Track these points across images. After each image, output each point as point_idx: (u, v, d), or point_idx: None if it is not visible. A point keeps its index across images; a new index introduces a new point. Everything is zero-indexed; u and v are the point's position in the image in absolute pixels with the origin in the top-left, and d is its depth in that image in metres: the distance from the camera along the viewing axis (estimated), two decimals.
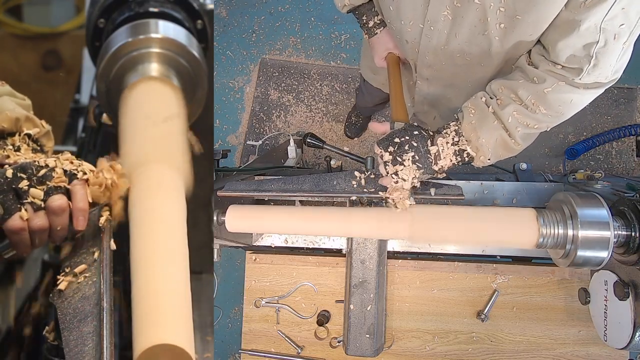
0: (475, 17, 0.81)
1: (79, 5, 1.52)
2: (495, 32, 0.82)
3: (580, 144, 2.19)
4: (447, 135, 0.86)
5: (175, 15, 0.90)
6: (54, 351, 0.81)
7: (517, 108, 0.82)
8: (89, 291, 0.76)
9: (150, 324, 0.67)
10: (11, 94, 0.84)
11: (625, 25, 0.71)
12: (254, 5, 2.64)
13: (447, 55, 0.94)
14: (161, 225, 0.75)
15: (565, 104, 0.81)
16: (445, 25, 0.86)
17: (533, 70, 0.82)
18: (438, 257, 1.21)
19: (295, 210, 0.93)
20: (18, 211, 0.68)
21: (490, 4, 0.77)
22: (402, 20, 0.92)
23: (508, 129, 0.83)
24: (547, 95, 0.79)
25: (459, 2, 0.80)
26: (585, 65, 0.75)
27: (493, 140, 0.84)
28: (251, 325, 1.24)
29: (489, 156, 0.86)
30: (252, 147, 2.42)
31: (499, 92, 0.85)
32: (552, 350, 1.14)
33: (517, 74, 0.86)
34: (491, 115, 0.84)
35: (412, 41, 0.96)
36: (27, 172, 0.70)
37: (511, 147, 0.86)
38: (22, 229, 0.68)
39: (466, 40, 0.87)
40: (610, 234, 0.77)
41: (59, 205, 0.70)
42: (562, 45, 0.76)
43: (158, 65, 0.86)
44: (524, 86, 0.82)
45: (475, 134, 0.84)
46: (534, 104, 0.81)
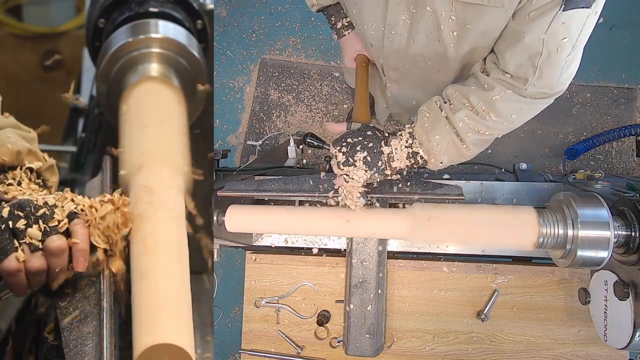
0: (430, 24, 0.82)
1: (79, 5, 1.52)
2: (450, 39, 0.83)
3: (580, 144, 2.19)
4: (401, 137, 0.87)
5: (175, 15, 0.90)
6: (54, 351, 0.81)
7: (469, 114, 0.83)
8: (89, 291, 0.76)
9: (150, 324, 0.67)
10: (15, 126, 0.81)
11: (567, 40, 0.72)
12: (254, 5, 2.64)
13: (409, 59, 0.95)
14: (161, 226, 0.75)
15: (515, 112, 0.82)
16: (404, 29, 0.87)
17: (484, 77, 0.83)
18: (438, 257, 1.21)
19: (295, 210, 0.93)
20: (14, 251, 0.65)
21: (441, 12, 0.78)
22: (365, 24, 0.93)
23: (459, 134, 0.84)
24: (495, 103, 0.80)
25: (414, 7, 0.82)
26: (531, 75, 0.76)
27: (444, 144, 0.85)
28: (251, 325, 1.23)
29: (440, 159, 0.87)
30: (252, 147, 2.42)
31: (453, 97, 0.85)
32: (552, 350, 1.14)
33: (471, 80, 0.87)
34: (443, 120, 0.85)
35: (376, 44, 0.97)
36: (24, 210, 0.66)
37: (462, 152, 0.86)
38: (18, 271, 0.65)
39: (424, 45, 0.88)
40: (610, 234, 0.77)
41: (58, 246, 0.67)
42: (509, 55, 0.78)
43: (158, 65, 0.86)
44: (476, 92, 0.82)
45: (427, 137, 0.85)
46: (485, 110, 0.81)
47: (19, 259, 0.65)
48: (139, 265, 0.71)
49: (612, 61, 2.32)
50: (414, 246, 1.16)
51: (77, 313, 0.73)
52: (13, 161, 0.77)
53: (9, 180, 0.75)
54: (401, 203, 1.07)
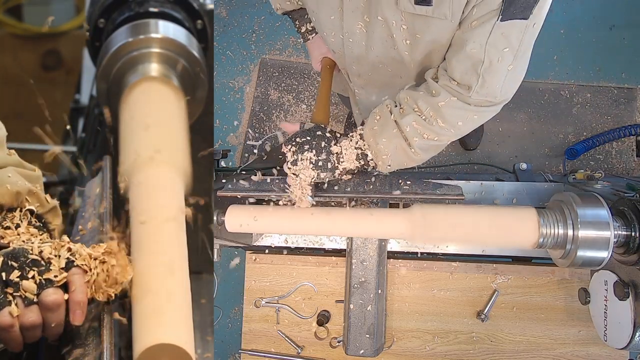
0: (384, 32, 0.83)
1: (79, 5, 1.52)
2: (403, 47, 0.84)
3: (580, 144, 2.19)
4: (351, 139, 0.87)
5: (175, 15, 0.90)
6: (54, 351, 0.81)
7: (417, 119, 0.83)
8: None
9: (150, 324, 0.67)
10: (19, 164, 0.76)
11: (508, 50, 0.73)
12: (254, 5, 2.64)
13: (370, 65, 0.95)
14: (161, 225, 0.75)
15: (460, 119, 0.82)
16: (361, 37, 0.88)
17: (433, 83, 0.83)
18: (438, 257, 1.21)
19: (295, 210, 0.93)
20: (7, 305, 0.61)
21: (392, 21, 0.79)
22: (325, 32, 0.94)
23: (407, 138, 0.84)
24: (441, 109, 0.81)
25: (368, 17, 0.82)
26: (474, 83, 0.77)
27: (392, 147, 0.85)
28: (251, 325, 1.23)
29: (388, 162, 0.87)
30: (252, 147, 2.42)
31: (404, 101, 0.85)
32: (552, 350, 1.14)
33: (422, 85, 0.87)
34: (392, 123, 0.84)
35: (338, 51, 0.97)
36: (19, 261, 0.62)
37: (411, 156, 0.86)
38: (12, 326, 0.61)
39: (381, 52, 0.89)
40: (610, 234, 0.77)
41: (54, 300, 0.62)
42: (455, 62, 0.78)
43: (158, 65, 0.86)
44: (424, 98, 0.83)
45: (374, 139, 0.85)
46: (432, 116, 0.81)
47: (12, 313, 0.61)
48: (139, 265, 0.71)
49: (612, 61, 2.32)
50: (414, 246, 1.16)
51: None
52: (12, 202, 0.72)
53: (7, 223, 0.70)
54: (401, 203, 1.07)
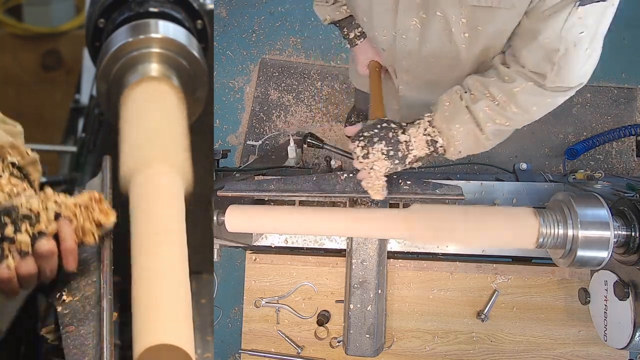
0: (440, 27, 0.83)
1: (79, 5, 1.52)
2: (461, 41, 0.84)
3: (580, 144, 2.19)
4: (418, 126, 0.88)
5: (175, 15, 0.90)
6: (54, 351, 0.81)
7: (489, 104, 0.83)
8: (89, 291, 0.76)
9: (150, 324, 0.67)
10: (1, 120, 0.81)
11: (585, 33, 0.72)
12: (254, 5, 2.64)
13: (421, 61, 0.96)
14: (161, 225, 0.75)
15: (535, 104, 0.83)
16: (415, 33, 0.88)
17: (505, 69, 0.83)
18: (438, 257, 1.21)
19: (295, 210, 0.93)
20: (4, 258, 0.65)
21: (452, 15, 0.79)
22: (376, 31, 0.95)
23: (479, 124, 0.85)
24: (516, 95, 0.81)
25: (425, 13, 0.82)
26: (549, 72, 0.77)
27: (464, 133, 0.86)
28: (251, 325, 1.23)
29: (460, 148, 0.88)
30: (252, 147, 2.42)
31: (474, 87, 0.86)
32: (552, 350, 1.14)
33: (491, 71, 0.87)
34: (464, 109, 0.85)
35: (388, 49, 0.99)
36: (11, 216, 0.66)
37: (482, 142, 0.87)
38: (10, 278, 0.66)
39: (436, 47, 0.89)
40: (610, 234, 0.77)
41: (48, 250, 0.67)
42: (526, 52, 0.78)
43: (158, 65, 0.86)
44: (496, 84, 0.83)
45: (447, 125, 0.86)
46: (505, 101, 0.82)
47: (10, 266, 0.65)
48: (139, 265, 0.71)
49: (612, 61, 2.32)
50: (414, 246, 1.16)
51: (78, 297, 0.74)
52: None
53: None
54: (401, 203, 1.07)
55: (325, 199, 1.06)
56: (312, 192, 0.94)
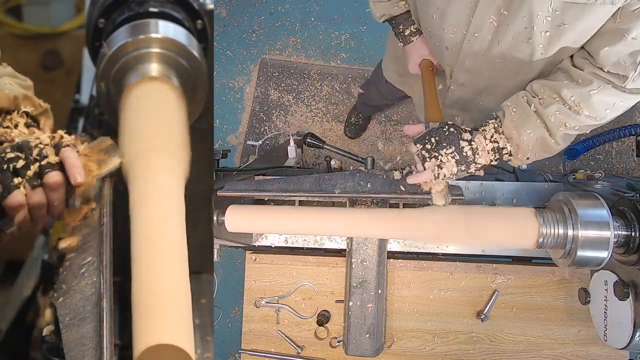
0: (521, 25, 0.81)
1: (79, 5, 1.52)
2: (540, 40, 0.82)
3: (580, 144, 2.19)
4: (485, 133, 0.87)
5: (175, 15, 0.90)
6: (54, 351, 0.81)
7: (560, 108, 0.82)
8: (89, 291, 0.76)
9: (150, 324, 0.67)
10: (12, 75, 0.86)
11: None
12: (254, 5, 2.64)
13: (487, 61, 0.94)
14: (161, 226, 0.75)
15: (609, 106, 0.81)
16: (489, 32, 0.86)
17: (578, 72, 0.82)
18: (438, 257, 1.21)
19: (295, 210, 0.93)
20: (16, 189, 0.70)
21: (538, 12, 0.77)
22: (445, 28, 0.92)
23: (550, 129, 0.84)
24: (592, 97, 0.80)
25: (506, 9, 0.80)
26: (631, 72, 0.76)
27: (534, 139, 0.85)
28: (251, 325, 1.23)
29: (527, 154, 0.86)
30: (252, 147, 2.42)
31: (541, 92, 0.85)
32: (552, 350, 1.14)
33: (559, 75, 0.86)
34: (533, 114, 0.84)
35: (452, 47, 0.96)
36: (23, 151, 0.72)
37: (551, 147, 0.86)
38: (21, 205, 0.71)
39: (509, 47, 0.87)
40: (610, 234, 0.77)
41: (56, 181, 0.73)
42: (607, 52, 0.76)
43: (158, 65, 0.86)
44: (568, 87, 0.82)
45: (517, 131, 0.85)
46: (578, 105, 0.81)
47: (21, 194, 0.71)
48: (139, 265, 0.71)
49: None
50: (414, 246, 1.16)
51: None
52: (10, 106, 0.81)
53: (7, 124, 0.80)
54: (401, 203, 1.07)
55: (325, 199, 1.06)
56: (312, 192, 0.94)
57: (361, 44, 2.49)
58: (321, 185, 0.94)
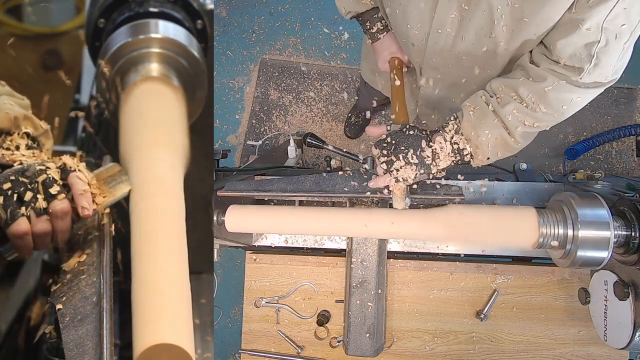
0: (482, 20, 0.81)
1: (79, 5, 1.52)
2: (501, 34, 0.82)
3: (580, 144, 2.19)
4: (445, 134, 0.86)
5: (175, 15, 0.90)
6: (54, 351, 0.81)
7: (517, 106, 0.82)
8: (89, 291, 0.76)
9: (150, 324, 0.67)
10: (10, 94, 0.84)
11: (626, 26, 0.71)
12: (254, 5, 2.64)
13: (453, 57, 0.94)
14: (161, 225, 0.75)
15: (566, 102, 0.81)
16: (452, 27, 0.86)
17: (534, 68, 0.82)
18: (438, 257, 1.21)
19: (295, 210, 0.93)
20: (21, 216, 0.68)
21: (497, 6, 0.77)
22: (409, 24, 0.92)
23: (508, 128, 0.84)
24: (547, 94, 0.80)
25: (467, 4, 0.81)
26: (586, 64, 0.75)
27: (493, 138, 0.84)
28: (251, 325, 1.23)
29: (488, 155, 0.86)
30: (252, 147, 2.42)
31: (499, 90, 0.85)
32: (552, 350, 1.14)
33: (517, 72, 0.86)
34: (491, 114, 0.84)
35: (418, 44, 0.96)
36: (28, 177, 0.70)
37: (511, 146, 0.86)
38: (26, 233, 0.69)
39: (473, 42, 0.87)
40: (610, 234, 0.77)
41: (62, 208, 0.71)
42: (563, 44, 0.76)
43: (158, 65, 0.86)
44: (525, 84, 0.82)
45: (475, 132, 0.84)
46: (534, 102, 0.81)
47: (26, 223, 0.69)
48: (140, 265, 0.71)
49: None
50: (413, 246, 1.16)
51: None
52: (10, 127, 0.80)
53: (7, 145, 0.78)
54: None
55: (325, 199, 1.06)
56: (312, 192, 0.94)
57: (361, 44, 2.49)
58: (321, 185, 0.94)
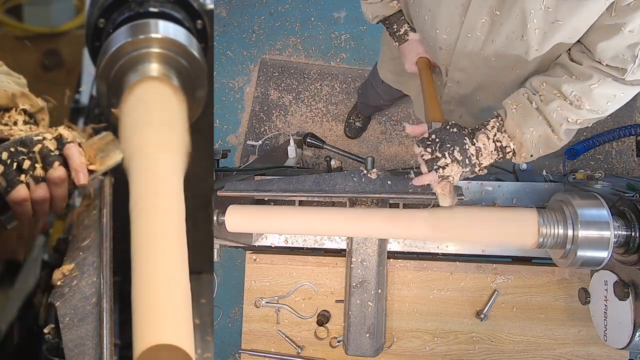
0: (514, 24, 0.81)
1: (79, 5, 1.52)
2: (534, 37, 0.82)
3: (580, 144, 2.19)
4: (487, 132, 0.86)
5: (175, 15, 0.90)
6: (54, 351, 0.81)
7: (561, 104, 0.82)
8: (89, 291, 0.76)
9: (150, 324, 0.67)
10: (7, 73, 0.86)
11: None
12: (254, 5, 2.64)
13: (481, 60, 0.94)
14: (161, 225, 0.75)
15: (610, 99, 0.82)
16: (482, 32, 0.86)
17: (577, 66, 0.82)
18: (438, 257, 1.21)
19: (295, 210, 0.93)
20: (20, 183, 0.71)
21: (531, 10, 0.77)
22: (438, 29, 0.92)
23: (552, 125, 0.84)
24: (592, 91, 0.80)
25: (499, 9, 0.81)
26: (630, 65, 0.76)
27: (537, 136, 0.84)
28: (251, 325, 1.23)
29: (531, 152, 0.86)
30: (252, 147, 2.42)
31: (541, 88, 0.85)
32: (552, 350, 1.14)
33: (558, 70, 0.86)
34: (535, 111, 0.84)
35: (446, 48, 0.96)
36: (26, 146, 0.73)
37: (554, 143, 0.86)
38: (25, 200, 0.72)
39: (503, 45, 0.87)
40: (610, 234, 0.77)
41: (59, 176, 0.74)
42: (605, 47, 0.76)
43: (158, 65, 0.86)
44: (568, 82, 0.82)
45: (520, 129, 0.84)
46: (579, 99, 0.81)
47: (25, 189, 0.71)
48: (140, 265, 0.71)
49: None
50: (413, 246, 1.16)
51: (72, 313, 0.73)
52: (8, 103, 0.82)
53: (5, 121, 0.81)
54: (401, 203, 1.07)
55: (325, 199, 1.06)
56: (312, 192, 0.94)
57: (361, 44, 2.49)
58: (321, 185, 0.94)
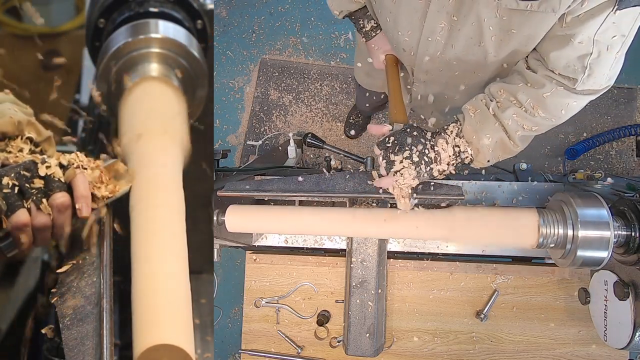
0: (471, 30, 0.83)
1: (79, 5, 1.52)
2: (490, 44, 0.84)
3: (580, 144, 2.19)
4: (446, 137, 0.87)
5: (175, 15, 0.90)
6: (54, 351, 0.81)
7: (517, 111, 0.83)
8: (89, 291, 0.76)
9: (150, 324, 0.67)
10: (14, 102, 0.85)
11: (617, 37, 0.73)
12: (254, 5, 2.64)
13: (443, 63, 0.95)
14: (161, 226, 0.75)
15: (563, 107, 0.83)
16: (442, 36, 0.88)
17: (532, 75, 0.83)
18: (438, 257, 1.21)
19: (295, 210, 0.93)
20: (22, 207, 0.68)
21: (484, 18, 0.79)
22: (400, 31, 0.94)
23: (508, 132, 0.85)
24: (546, 100, 0.81)
25: (456, 15, 0.82)
26: (580, 75, 0.77)
27: (493, 142, 0.85)
28: (251, 325, 1.23)
29: (488, 157, 0.87)
30: (252, 147, 2.42)
31: (498, 94, 0.86)
32: (552, 350, 1.14)
33: (515, 77, 0.87)
34: (492, 118, 0.85)
35: (409, 49, 0.97)
36: (30, 171, 0.71)
37: (510, 149, 0.87)
38: (26, 225, 0.69)
39: (463, 50, 0.89)
40: (610, 234, 0.77)
41: (62, 202, 0.71)
42: (557, 56, 0.78)
43: (158, 65, 0.86)
44: (523, 90, 0.83)
45: (477, 135, 0.85)
46: (534, 107, 0.82)
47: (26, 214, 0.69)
48: (139, 265, 0.71)
49: None
50: (414, 246, 1.16)
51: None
52: (14, 131, 0.80)
53: (10, 149, 0.79)
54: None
55: (325, 199, 1.06)
56: (312, 192, 0.94)
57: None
58: (321, 185, 0.94)
